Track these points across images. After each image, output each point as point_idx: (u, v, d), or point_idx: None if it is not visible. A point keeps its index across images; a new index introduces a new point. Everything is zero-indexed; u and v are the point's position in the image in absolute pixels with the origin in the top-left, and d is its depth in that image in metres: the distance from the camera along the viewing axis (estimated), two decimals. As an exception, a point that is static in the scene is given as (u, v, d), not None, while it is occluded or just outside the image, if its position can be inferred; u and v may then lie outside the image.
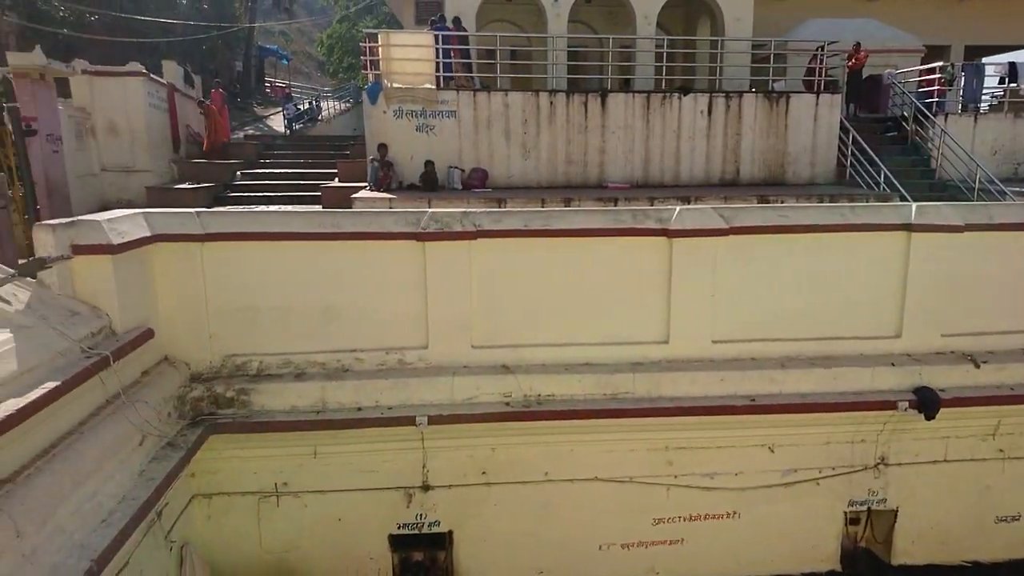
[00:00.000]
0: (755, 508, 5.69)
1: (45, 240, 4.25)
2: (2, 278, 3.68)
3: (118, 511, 3.70)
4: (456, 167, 12.95)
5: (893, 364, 5.46)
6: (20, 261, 3.99)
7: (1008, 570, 5.97)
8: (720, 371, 5.36)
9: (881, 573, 5.89)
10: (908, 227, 5.44)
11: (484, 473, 5.40)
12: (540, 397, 5.22)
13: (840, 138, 13.85)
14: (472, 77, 13.62)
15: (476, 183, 12.92)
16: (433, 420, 5.00)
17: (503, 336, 5.32)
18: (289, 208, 12.19)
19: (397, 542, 5.50)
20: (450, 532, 5.51)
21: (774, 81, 14.62)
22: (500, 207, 11.10)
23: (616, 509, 5.57)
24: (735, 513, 5.70)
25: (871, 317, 5.59)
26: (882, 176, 12.65)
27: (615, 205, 11.35)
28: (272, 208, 12.64)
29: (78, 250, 4.35)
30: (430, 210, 5.28)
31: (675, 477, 5.57)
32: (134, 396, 4.34)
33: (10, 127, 10.36)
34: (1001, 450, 5.76)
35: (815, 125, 13.71)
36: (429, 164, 12.75)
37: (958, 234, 5.46)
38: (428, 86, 12.85)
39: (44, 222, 4.30)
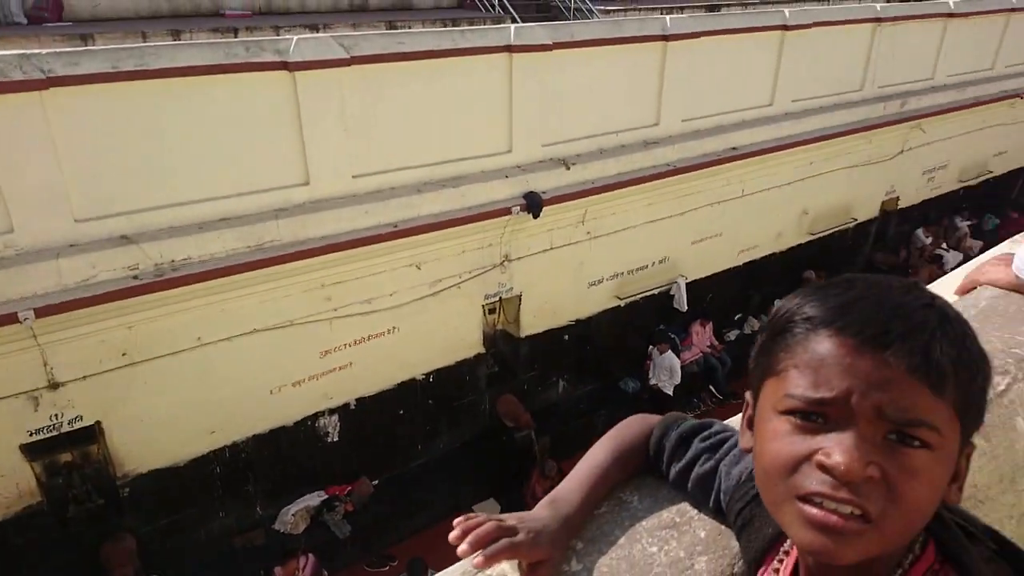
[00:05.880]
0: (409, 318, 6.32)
1: None
2: None
3: None
4: (12, -7, 10.09)
5: (507, 176, 6.26)
6: None
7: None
8: (362, 204, 5.54)
9: (514, 345, 7.19)
10: (508, 48, 5.95)
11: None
12: (174, 263, 4.86)
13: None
14: None
15: (48, 15, 10.32)
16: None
17: (120, 203, 4.72)
18: None
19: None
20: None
21: None
22: (84, 45, 9.13)
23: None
24: (395, 328, 6.28)
25: (487, 137, 6.18)
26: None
27: (235, 36, 10.21)
28: None
29: None
30: None
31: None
32: None
33: None
34: (588, 232, 7.19)
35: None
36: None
37: (548, 52, 6.17)
38: None
39: None
